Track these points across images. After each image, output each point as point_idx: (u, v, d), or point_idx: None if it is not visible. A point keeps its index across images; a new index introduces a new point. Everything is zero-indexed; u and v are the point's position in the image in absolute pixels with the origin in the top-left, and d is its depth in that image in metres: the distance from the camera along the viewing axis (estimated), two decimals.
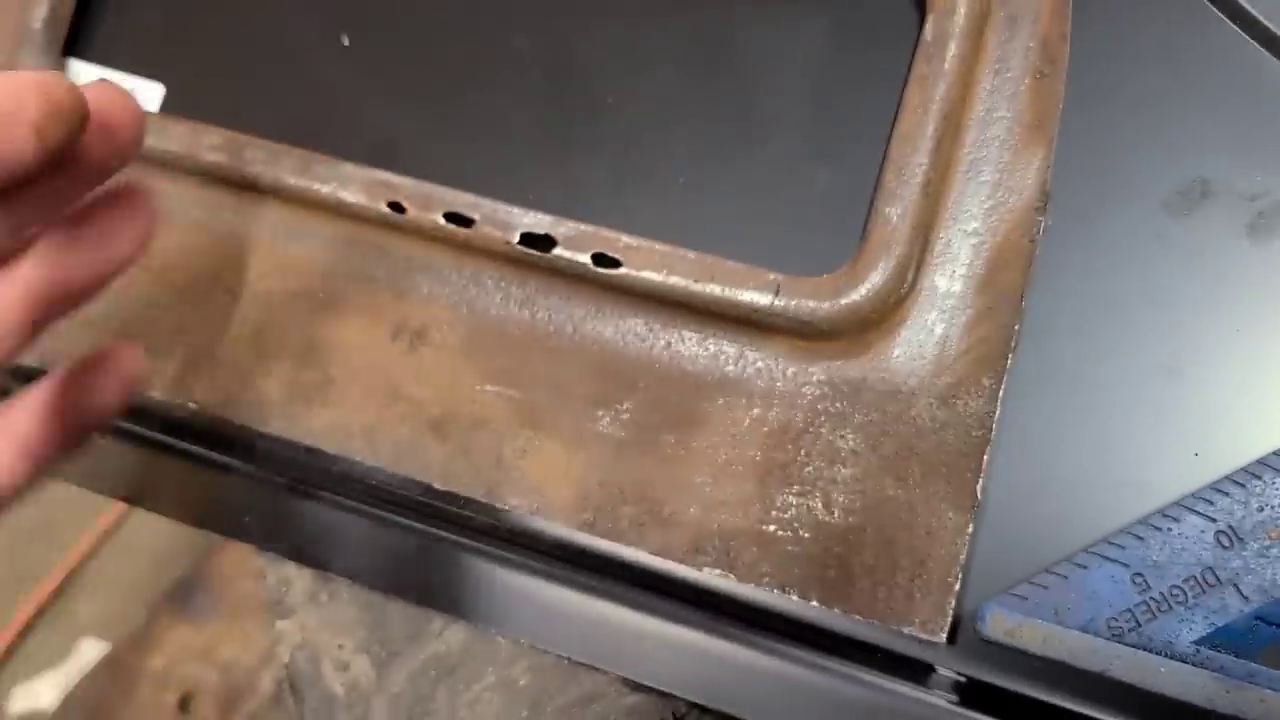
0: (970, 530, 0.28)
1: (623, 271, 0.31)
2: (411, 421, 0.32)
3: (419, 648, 0.31)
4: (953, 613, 0.28)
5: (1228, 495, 0.27)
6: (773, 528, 0.30)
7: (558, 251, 0.31)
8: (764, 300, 0.30)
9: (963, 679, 0.29)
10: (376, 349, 0.33)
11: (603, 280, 0.31)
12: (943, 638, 0.28)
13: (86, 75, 0.37)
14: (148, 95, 0.36)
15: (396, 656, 0.31)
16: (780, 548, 0.29)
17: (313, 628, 0.31)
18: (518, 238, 0.31)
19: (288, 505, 0.32)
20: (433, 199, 0.32)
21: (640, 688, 0.32)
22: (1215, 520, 0.27)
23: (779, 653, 0.29)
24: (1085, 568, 0.27)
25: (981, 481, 0.29)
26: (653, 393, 0.31)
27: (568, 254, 0.31)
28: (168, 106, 0.36)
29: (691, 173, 0.33)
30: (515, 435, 0.31)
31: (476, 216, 0.32)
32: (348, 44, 0.35)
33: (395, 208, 0.32)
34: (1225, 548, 0.27)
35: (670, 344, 0.31)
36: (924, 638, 0.28)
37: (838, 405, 0.30)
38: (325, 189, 0.33)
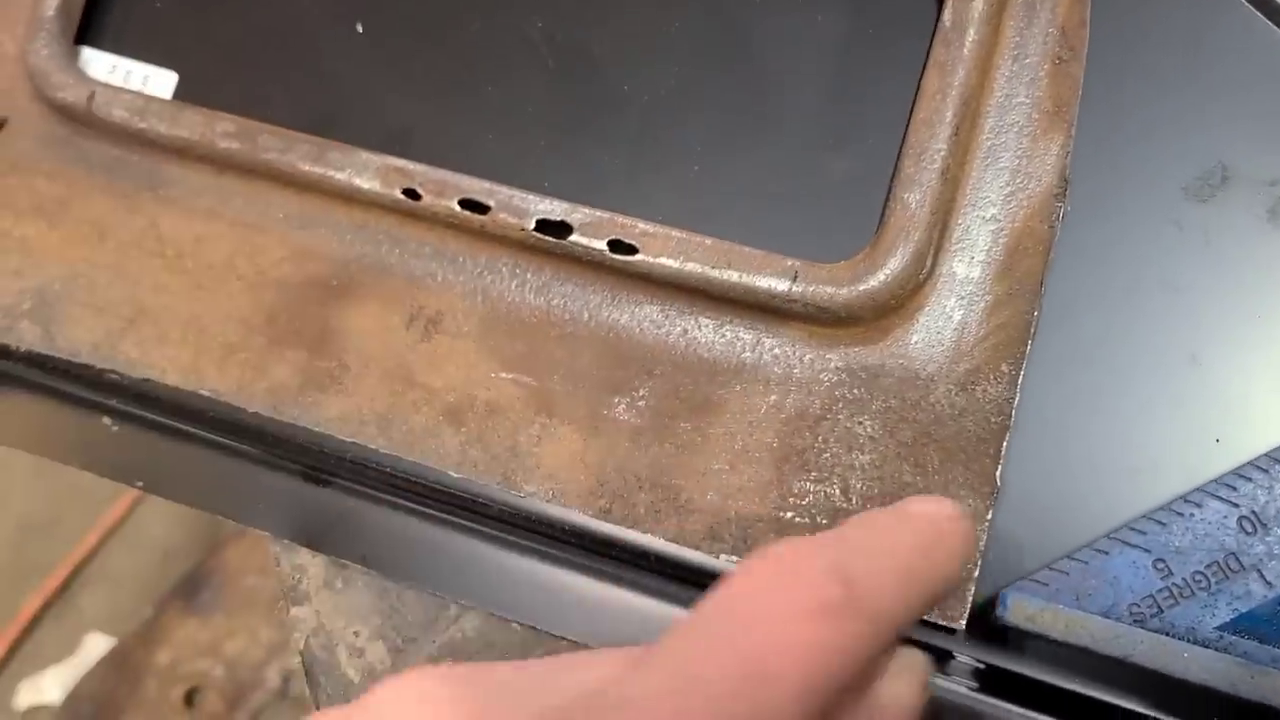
0: (990, 517, 0.28)
1: (639, 258, 0.30)
2: (426, 409, 0.32)
3: (434, 634, 0.31)
4: (972, 599, 0.28)
5: (1250, 480, 0.27)
6: (790, 514, 0.29)
7: (573, 238, 0.31)
8: (781, 286, 0.30)
9: (983, 665, 0.28)
10: (391, 336, 0.33)
11: (619, 267, 0.31)
12: (962, 624, 0.28)
13: (99, 63, 0.37)
14: (161, 83, 0.36)
15: (412, 643, 0.31)
16: (798, 534, 0.29)
17: (327, 614, 0.31)
18: (533, 224, 0.31)
19: (302, 492, 0.32)
20: (448, 186, 0.32)
21: None
22: (1238, 506, 0.27)
23: None
24: (1106, 553, 0.27)
25: (1001, 468, 0.28)
26: (669, 379, 0.31)
27: (583, 240, 0.31)
28: (181, 94, 0.36)
29: (708, 159, 0.32)
30: (530, 422, 0.31)
31: (492, 203, 0.31)
32: (362, 31, 0.35)
33: (410, 194, 0.32)
34: (1248, 533, 0.27)
35: (686, 330, 0.31)
36: (943, 624, 0.28)
37: (855, 392, 0.30)
38: (340, 176, 0.33)
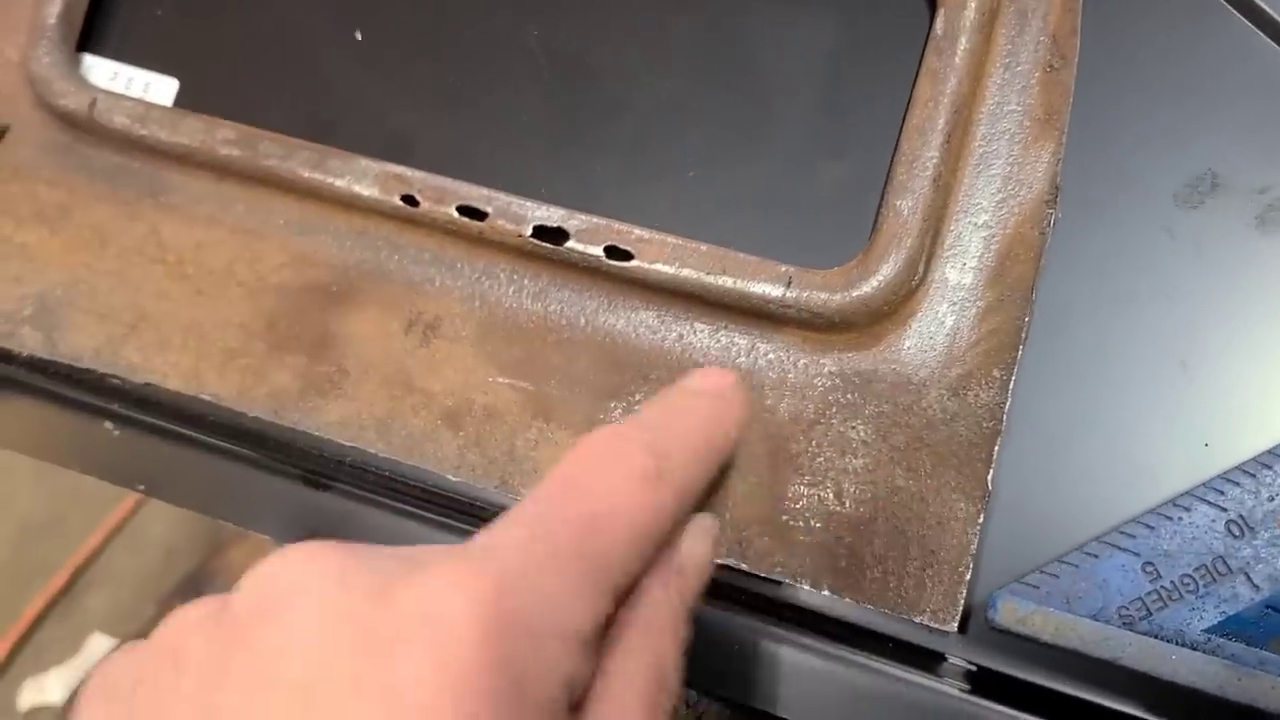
0: (981, 520, 0.29)
1: (635, 264, 0.31)
2: (425, 413, 0.32)
3: None
4: (964, 602, 0.28)
5: (1238, 485, 0.27)
6: (785, 517, 0.30)
7: (570, 244, 0.31)
8: (776, 292, 0.30)
9: (974, 667, 0.29)
10: (390, 341, 0.33)
11: (615, 273, 0.31)
12: (954, 626, 0.28)
13: (101, 70, 0.37)
14: (162, 90, 0.36)
15: None
16: (792, 537, 0.29)
17: None
18: (530, 231, 0.31)
19: (302, 496, 0.32)
20: (446, 192, 0.32)
21: None
22: (1226, 510, 0.27)
23: (790, 641, 0.29)
24: (1096, 557, 0.27)
25: (992, 472, 0.29)
26: (665, 384, 0.31)
27: (580, 247, 0.31)
28: (182, 101, 0.36)
29: (703, 166, 0.33)
30: (528, 427, 0.32)
31: (490, 210, 0.32)
32: (361, 40, 0.36)
33: (409, 201, 0.32)
34: (1236, 537, 0.27)
35: (682, 336, 0.32)
36: (935, 626, 0.28)
37: (849, 396, 0.30)
38: (339, 183, 0.33)
